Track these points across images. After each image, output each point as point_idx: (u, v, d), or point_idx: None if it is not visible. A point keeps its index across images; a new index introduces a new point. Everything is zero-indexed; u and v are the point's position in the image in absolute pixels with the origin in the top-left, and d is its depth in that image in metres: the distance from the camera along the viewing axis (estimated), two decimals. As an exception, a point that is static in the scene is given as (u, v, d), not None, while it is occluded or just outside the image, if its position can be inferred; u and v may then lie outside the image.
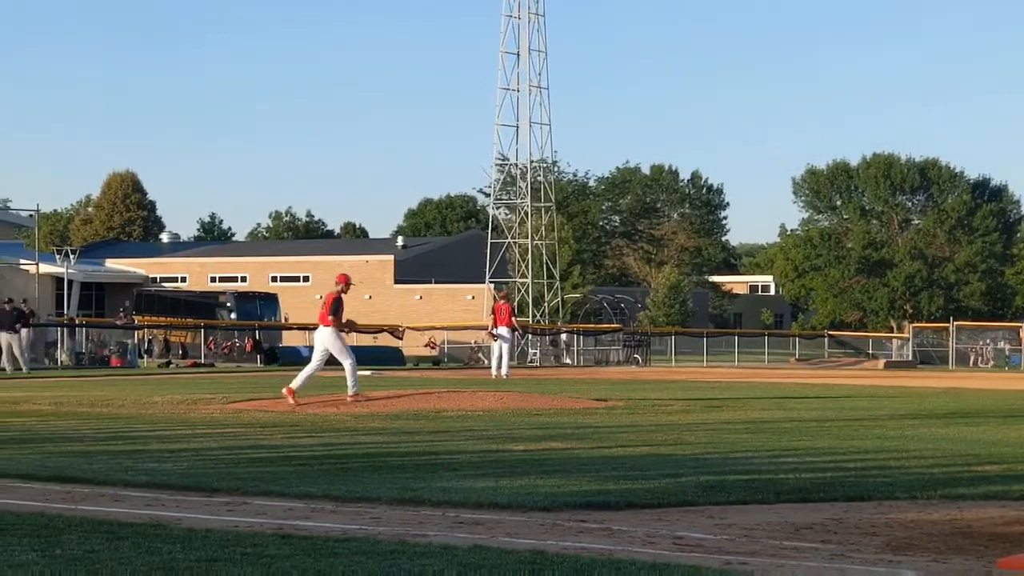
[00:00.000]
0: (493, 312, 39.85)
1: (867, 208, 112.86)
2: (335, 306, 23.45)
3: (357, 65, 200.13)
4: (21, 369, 40.80)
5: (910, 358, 69.26)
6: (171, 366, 49.29)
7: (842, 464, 13.64)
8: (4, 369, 41.72)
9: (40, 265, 56.59)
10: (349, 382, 23.40)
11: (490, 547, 8.34)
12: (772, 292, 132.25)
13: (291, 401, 22.36)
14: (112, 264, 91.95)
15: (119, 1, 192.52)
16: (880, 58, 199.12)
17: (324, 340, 23.41)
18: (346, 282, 23.93)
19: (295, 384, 22.76)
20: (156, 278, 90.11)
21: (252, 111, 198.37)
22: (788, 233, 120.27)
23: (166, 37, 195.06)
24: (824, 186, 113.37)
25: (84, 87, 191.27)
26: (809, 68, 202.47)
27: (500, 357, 38.45)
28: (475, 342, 60.22)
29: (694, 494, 10.95)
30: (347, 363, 23.43)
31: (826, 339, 77.78)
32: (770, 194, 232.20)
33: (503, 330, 38.62)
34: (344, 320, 23.80)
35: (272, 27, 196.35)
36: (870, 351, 76.27)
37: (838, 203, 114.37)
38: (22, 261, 59.18)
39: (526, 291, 69.22)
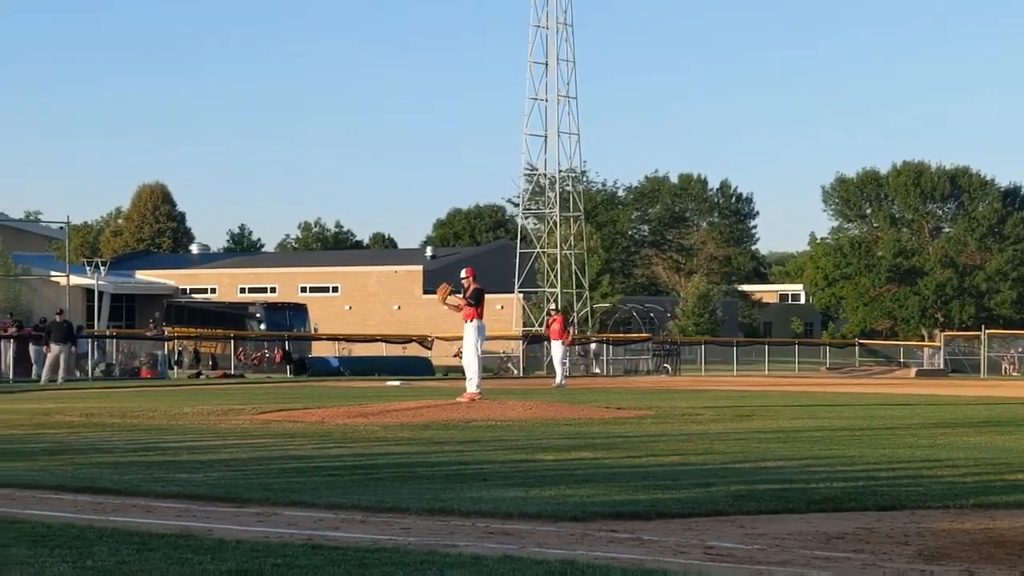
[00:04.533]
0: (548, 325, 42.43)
1: (897, 216, 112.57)
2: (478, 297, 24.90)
3: (384, 76, 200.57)
4: (55, 381, 40.98)
5: (941, 367, 68.95)
6: (201, 377, 49.38)
7: (874, 473, 13.58)
8: (38, 379, 41.95)
9: (71, 277, 56.81)
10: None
11: (520, 557, 8.33)
12: (802, 301, 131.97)
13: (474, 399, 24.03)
14: (142, 276, 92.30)
15: (148, 14, 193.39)
16: (909, 66, 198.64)
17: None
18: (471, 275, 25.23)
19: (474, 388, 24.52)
20: (186, 289, 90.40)
21: (281, 123, 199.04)
22: (818, 242, 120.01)
23: (195, 49, 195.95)
24: (854, 194, 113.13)
25: (113, 99, 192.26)
26: (838, 76, 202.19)
27: (555, 367, 40.89)
28: (504, 352, 60.23)
29: (725, 503, 10.91)
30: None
31: (857, 348, 77.46)
32: (800, 203, 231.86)
33: (554, 344, 41.59)
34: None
35: (300, 39, 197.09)
36: (901, 360, 75.97)
37: (868, 211, 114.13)
38: (53, 273, 59.53)
39: (555, 301, 69.20)
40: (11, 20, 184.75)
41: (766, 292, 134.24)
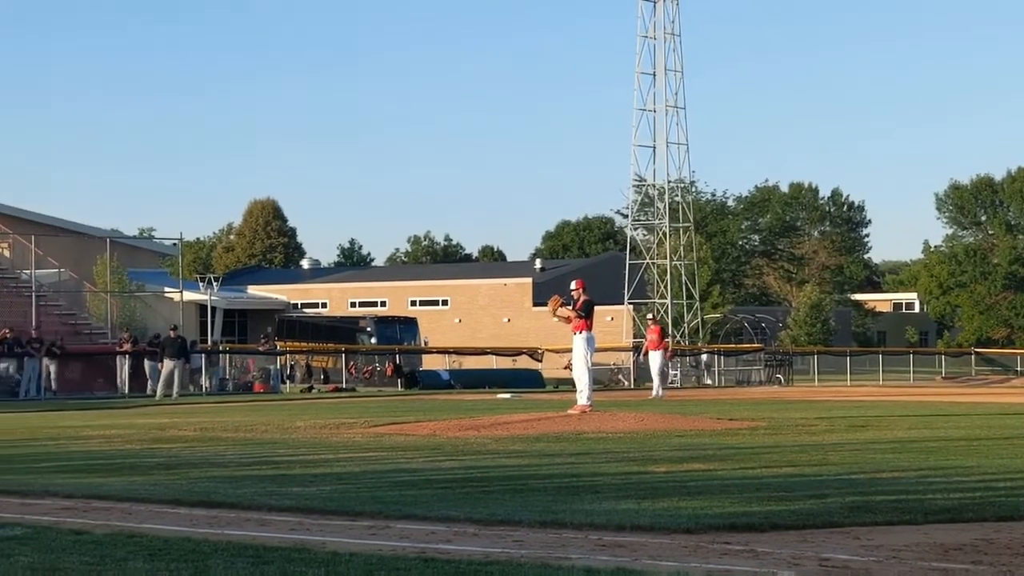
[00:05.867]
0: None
1: (1013, 223, 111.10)
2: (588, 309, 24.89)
3: (493, 88, 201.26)
4: (170, 396, 41.49)
5: (1060, 375, 67.90)
6: (313, 391, 49.77)
7: (992, 483, 13.38)
8: (153, 394, 42.52)
9: (184, 293, 57.52)
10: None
11: (633, 569, 8.29)
12: (916, 310, 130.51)
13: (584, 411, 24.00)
14: (254, 291, 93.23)
15: (257, 30, 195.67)
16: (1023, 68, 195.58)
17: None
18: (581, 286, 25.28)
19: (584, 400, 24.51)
20: (297, 304, 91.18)
21: (390, 136, 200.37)
22: (932, 250, 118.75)
23: (303, 65, 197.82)
24: (968, 201, 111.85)
25: (224, 116, 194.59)
26: (951, 81, 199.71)
27: (654, 378, 40.61)
28: (614, 364, 60.11)
29: (839, 515, 10.79)
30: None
31: (973, 357, 76.48)
32: (913, 210, 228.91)
33: (652, 355, 41.21)
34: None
35: (409, 50, 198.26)
36: (1019, 368, 74.87)
37: (983, 218, 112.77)
38: (167, 289, 60.23)
39: (665, 312, 68.97)
40: (128, 36, 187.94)
41: (879, 301, 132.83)
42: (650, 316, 49.40)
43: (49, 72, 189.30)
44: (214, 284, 70.17)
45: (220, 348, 56.46)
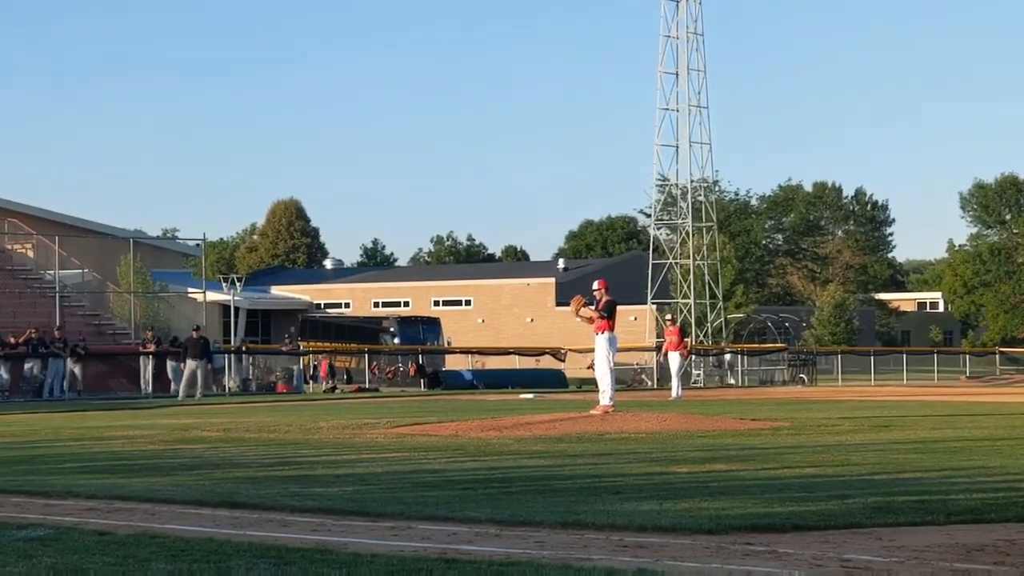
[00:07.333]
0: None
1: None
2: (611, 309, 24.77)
3: (515, 88, 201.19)
4: (193, 396, 41.60)
5: (1085, 374, 67.64)
6: (336, 391, 49.84)
7: (1015, 484, 13.34)
8: (176, 395, 42.63)
9: (207, 293, 57.67)
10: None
11: (655, 570, 8.29)
12: (941, 309, 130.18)
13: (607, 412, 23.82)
14: (277, 291, 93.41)
15: (279, 29, 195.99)
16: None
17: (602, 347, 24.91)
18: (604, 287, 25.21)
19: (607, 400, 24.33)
20: (320, 304, 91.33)
21: (413, 136, 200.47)
22: (956, 249, 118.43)
23: (326, 64, 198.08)
24: (993, 200, 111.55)
25: (247, 115, 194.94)
26: (973, 80, 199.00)
27: (673, 379, 40.87)
28: (637, 364, 60.08)
29: (862, 516, 10.76)
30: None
31: (997, 356, 76.24)
32: (937, 210, 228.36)
33: (672, 355, 41.21)
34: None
35: (431, 50, 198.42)
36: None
37: (1007, 217, 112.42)
38: (190, 289, 60.41)
39: (689, 311, 68.91)
40: (151, 36, 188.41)
41: (904, 300, 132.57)
42: (669, 317, 49.43)
43: (72, 71, 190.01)
44: (237, 284, 70.31)
45: (243, 348, 56.55)
